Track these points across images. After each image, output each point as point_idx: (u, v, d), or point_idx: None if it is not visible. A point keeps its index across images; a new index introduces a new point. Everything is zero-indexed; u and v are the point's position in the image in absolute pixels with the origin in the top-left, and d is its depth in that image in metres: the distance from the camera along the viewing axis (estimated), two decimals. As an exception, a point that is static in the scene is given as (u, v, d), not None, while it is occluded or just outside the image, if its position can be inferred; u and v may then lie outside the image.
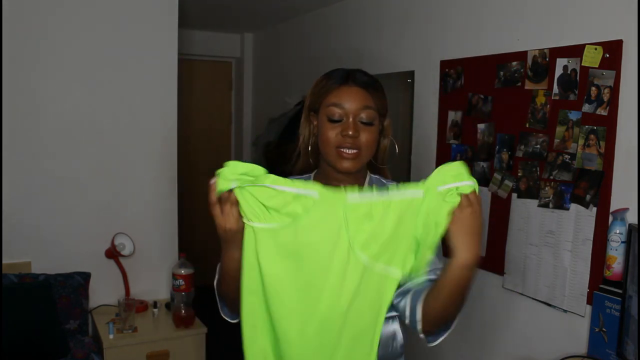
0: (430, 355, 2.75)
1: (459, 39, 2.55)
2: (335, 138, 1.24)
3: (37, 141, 2.79)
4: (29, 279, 2.63)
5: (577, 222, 2.02)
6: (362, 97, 1.24)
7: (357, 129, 1.23)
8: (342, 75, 1.27)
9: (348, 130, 1.22)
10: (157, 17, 3.00)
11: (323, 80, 1.29)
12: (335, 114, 1.24)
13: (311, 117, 1.33)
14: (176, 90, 3.08)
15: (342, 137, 1.23)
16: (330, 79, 1.28)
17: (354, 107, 1.23)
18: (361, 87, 1.25)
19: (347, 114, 1.23)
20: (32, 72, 2.75)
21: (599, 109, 1.93)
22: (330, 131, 1.24)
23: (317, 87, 1.30)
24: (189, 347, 2.74)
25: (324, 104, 1.26)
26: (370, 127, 1.25)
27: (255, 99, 4.82)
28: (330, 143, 1.24)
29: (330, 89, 1.26)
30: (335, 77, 1.27)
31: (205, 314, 2.86)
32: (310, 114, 1.33)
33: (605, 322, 1.91)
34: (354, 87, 1.25)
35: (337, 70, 1.30)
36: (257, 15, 4.03)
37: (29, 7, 2.71)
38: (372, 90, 1.26)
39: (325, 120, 1.26)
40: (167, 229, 3.13)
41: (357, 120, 1.24)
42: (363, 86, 1.25)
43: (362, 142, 1.24)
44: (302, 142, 1.36)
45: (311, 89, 1.32)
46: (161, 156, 3.07)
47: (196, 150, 4.87)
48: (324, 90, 1.27)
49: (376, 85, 1.28)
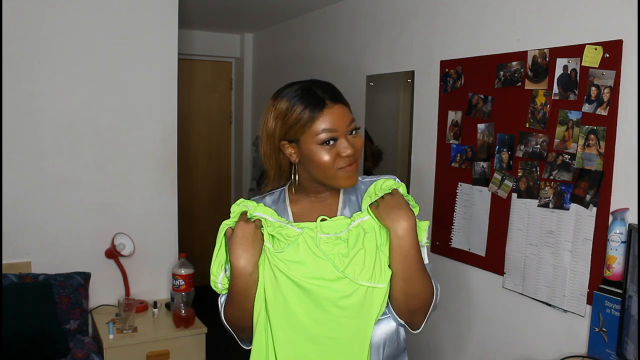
0: (430, 355, 2.75)
1: (459, 39, 2.55)
2: (334, 161, 1.20)
3: (37, 141, 2.79)
4: (29, 279, 2.63)
5: (577, 222, 2.02)
6: (344, 112, 1.22)
7: (352, 144, 1.22)
8: (317, 99, 1.20)
9: (347, 150, 1.20)
10: (157, 17, 3.00)
11: (295, 110, 1.20)
12: (329, 138, 1.19)
13: (282, 146, 1.26)
14: (176, 90, 3.08)
15: (340, 157, 1.20)
16: (304, 107, 1.20)
17: (344, 126, 1.21)
18: (337, 102, 1.22)
19: (339, 134, 1.20)
20: (32, 72, 2.75)
21: (599, 109, 1.93)
22: (327, 155, 1.20)
23: (289, 118, 1.21)
24: (189, 347, 2.74)
25: (310, 133, 1.20)
26: (358, 133, 1.25)
27: (255, 99, 4.82)
28: (329, 167, 1.21)
29: (312, 116, 1.19)
30: (309, 102, 1.20)
31: (205, 314, 2.86)
32: (282, 144, 1.25)
33: (605, 322, 1.91)
34: (333, 106, 1.20)
35: (305, 95, 1.21)
36: (257, 15, 4.03)
37: (29, 7, 2.71)
38: (344, 100, 1.24)
39: (316, 147, 1.20)
40: (167, 229, 3.13)
41: (347, 136, 1.22)
42: (338, 101, 1.22)
43: (357, 151, 1.23)
44: (271, 173, 1.31)
45: (280, 121, 1.23)
46: (161, 156, 3.07)
47: (196, 150, 4.88)
48: (304, 119, 1.19)
49: (339, 92, 1.26)
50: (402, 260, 1.18)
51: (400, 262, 1.18)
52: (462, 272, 2.57)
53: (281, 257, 1.20)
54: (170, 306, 2.95)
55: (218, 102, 4.98)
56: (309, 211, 1.31)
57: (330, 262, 1.18)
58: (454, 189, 2.58)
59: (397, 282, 1.19)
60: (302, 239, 1.21)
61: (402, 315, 1.22)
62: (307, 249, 1.20)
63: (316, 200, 1.32)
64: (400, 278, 1.18)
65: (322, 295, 1.18)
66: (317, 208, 1.31)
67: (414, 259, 1.18)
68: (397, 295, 1.19)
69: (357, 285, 1.17)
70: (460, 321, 2.60)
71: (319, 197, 1.32)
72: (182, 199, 3.26)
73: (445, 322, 2.66)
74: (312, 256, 1.20)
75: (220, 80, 4.99)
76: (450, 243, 2.62)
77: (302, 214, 1.31)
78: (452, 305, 2.62)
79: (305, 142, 1.21)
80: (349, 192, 1.33)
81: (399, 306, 1.20)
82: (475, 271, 2.50)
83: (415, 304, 1.20)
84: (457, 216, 2.58)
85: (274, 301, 1.21)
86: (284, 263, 1.20)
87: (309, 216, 1.29)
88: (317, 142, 1.20)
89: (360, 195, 1.32)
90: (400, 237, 1.17)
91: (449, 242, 2.62)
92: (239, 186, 5.01)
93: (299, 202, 1.33)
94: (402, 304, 1.20)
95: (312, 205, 1.32)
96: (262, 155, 1.32)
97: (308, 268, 1.19)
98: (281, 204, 1.34)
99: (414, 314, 1.22)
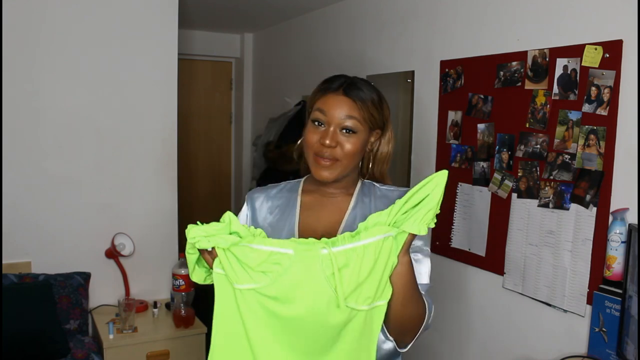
0: (430, 354, 2.75)
1: (459, 39, 2.55)
2: (315, 143, 1.23)
3: (37, 141, 2.79)
4: (29, 279, 2.63)
5: (577, 222, 2.02)
6: (347, 107, 1.23)
7: (336, 139, 1.22)
8: (335, 84, 1.26)
9: (326, 138, 1.22)
10: (157, 17, 3.00)
11: (320, 85, 1.29)
12: (317, 118, 1.24)
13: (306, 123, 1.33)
14: (176, 90, 3.08)
15: (320, 144, 1.23)
16: (324, 84, 1.28)
17: (336, 117, 1.22)
18: (349, 97, 1.23)
19: (329, 122, 1.23)
20: (32, 72, 2.75)
21: (599, 109, 1.93)
22: (312, 134, 1.24)
23: (315, 89, 1.30)
24: (189, 347, 2.75)
25: (313, 107, 1.27)
26: (352, 136, 1.23)
27: (255, 99, 4.82)
28: (309, 146, 1.25)
29: (320, 94, 1.26)
30: (331, 83, 1.27)
31: (205, 314, 2.86)
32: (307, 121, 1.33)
33: (605, 322, 1.91)
34: (342, 96, 1.23)
35: (337, 77, 1.28)
36: (257, 15, 4.03)
37: (29, 7, 2.71)
38: (359, 102, 1.23)
39: (309, 123, 1.26)
40: (167, 229, 3.13)
41: (339, 129, 1.23)
42: (353, 97, 1.23)
43: (340, 153, 1.23)
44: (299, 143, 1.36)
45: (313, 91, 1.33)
46: (161, 156, 3.07)
47: (196, 150, 4.87)
48: (317, 93, 1.27)
49: (367, 99, 1.24)
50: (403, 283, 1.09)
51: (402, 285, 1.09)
52: (462, 272, 2.57)
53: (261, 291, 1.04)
54: (170, 306, 2.95)
55: (218, 102, 4.98)
56: (317, 205, 1.32)
57: (332, 288, 1.03)
58: (454, 189, 2.58)
59: (394, 305, 1.10)
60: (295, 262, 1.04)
61: (392, 333, 1.17)
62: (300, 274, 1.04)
63: (327, 194, 1.32)
64: (399, 302, 1.10)
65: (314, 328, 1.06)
66: (325, 204, 1.31)
67: (413, 281, 1.11)
68: (391, 317, 1.12)
69: (357, 310, 1.06)
70: (460, 321, 2.60)
71: (329, 192, 1.32)
72: (182, 199, 3.26)
73: (445, 322, 2.66)
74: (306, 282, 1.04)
75: (220, 80, 4.99)
76: (450, 243, 2.62)
77: (310, 206, 1.32)
78: (452, 305, 2.62)
79: (309, 116, 1.28)
80: (363, 193, 1.32)
81: (391, 327, 1.15)
82: (475, 271, 2.50)
83: (407, 327, 1.16)
84: (457, 216, 2.58)
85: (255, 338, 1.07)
86: (265, 297, 1.04)
87: (316, 210, 1.30)
88: (312, 118, 1.26)
89: (375, 199, 1.30)
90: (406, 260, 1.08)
91: (449, 242, 2.62)
92: (239, 186, 5.01)
93: (311, 193, 1.34)
94: (395, 325, 1.14)
95: (321, 199, 1.32)
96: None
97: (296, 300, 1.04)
98: (293, 193, 1.35)
99: (405, 335, 1.18)
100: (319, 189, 1.33)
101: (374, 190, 1.33)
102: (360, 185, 1.34)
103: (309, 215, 1.31)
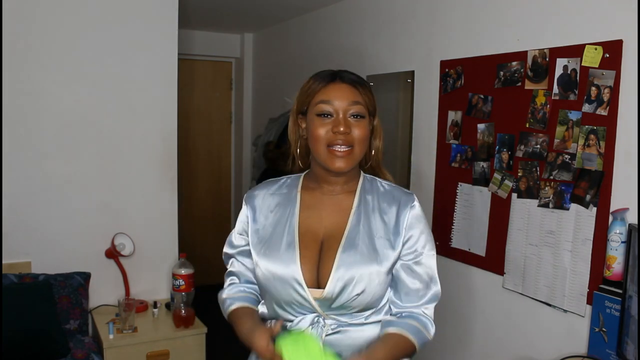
0: (430, 354, 2.75)
1: (459, 39, 2.55)
2: (326, 135, 1.23)
3: (37, 141, 2.79)
4: (29, 279, 2.63)
5: (577, 222, 2.02)
6: (350, 93, 1.24)
7: (349, 125, 1.23)
8: (329, 74, 1.28)
9: (339, 126, 1.22)
10: (157, 17, 3.00)
11: (309, 82, 1.29)
12: (324, 110, 1.24)
13: (299, 120, 1.32)
14: (176, 90, 3.08)
15: (333, 134, 1.22)
16: (316, 80, 1.28)
17: (344, 104, 1.23)
18: (349, 84, 1.26)
19: (337, 110, 1.23)
20: (32, 72, 2.75)
21: (599, 109, 1.93)
22: (321, 128, 1.23)
23: (303, 89, 1.30)
24: (189, 347, 2.74)
25: (313, 103, 1.26)
26: (362, 121, 1.25)
27: (255, 99, 4.82)
28: (321, 140, 1.23)
29: (318, 88, 1.26)
30: (322, 77, 1.28)
31: (205, 314, 2.86)
32: (298, 117, 1.32)
33: (605, 322, 1.91)
34: (341, 84, 1.25)
35: (322, 72, 1.30)
36: (257, 15, 4.03)
37: (29, 7, 2.71)
38: (359, 87, 1.27)
39: (314, 118, 1.25)
40: (167, 229, 3.12)
41: (348, 117, 1.24)
42: (350, 83, 1.26)
43: (355, 138, 1.23)
44: (292, 147, 1.35)
45: (298, 93, 1.32)
46: (161, 156, 3.07)
47: (196, 150, 4.88)
48: (312, 90, 1.27)
49: (364, 83, 1.29)
50: None
51: None
52: (462, 272, 2.57)
53: None
54: (170, 306, 2.95)
55: (218, 102, 4.98)
56: (318, 203, 1.30)
57: None
58: (454, 189, 2.58)
59: None
60: None
61: None
62: None
63: (328, 192, 1.31)
64: None
65: None
66: (327, 202, 1.30)
67: None
68: None
69: None
70: (460, 321, 2.60)
71: (331, 190, 1.31)
72: (182, 199, 3.26)
73: (445, 322, 2.66)
74: None
75: (220, 80, 4.99)
76: (450, 243, 2.62)
77: (311, 204, 1.30)
78: (452, 305, 2.62)
79: (309, 113, 1.27)
80: (365, 191, 1.31)
81: None
82: (475, 271, 2.50)
83: None
84: (457, 216, 2.58)
85: None
86: None
87: (317, 209, 1.29)
88: (316, 112, 1.25)
89: (378, 197, 1.30)
90: None
91: (449, 242, 2.62)
92: (239, 186, 5.01)
93: (311, 190, 1.33)
94: None
95: (322, 198, 1.31)
96: (288, 132, 1.36)
97: None
98: (293, 189, 1.34)
99: None
100: (319, 186, 1.32)
101: (377, 185, 1.33)
102: (362, 180, 1.33)
103: (310, 215, 1.29)
